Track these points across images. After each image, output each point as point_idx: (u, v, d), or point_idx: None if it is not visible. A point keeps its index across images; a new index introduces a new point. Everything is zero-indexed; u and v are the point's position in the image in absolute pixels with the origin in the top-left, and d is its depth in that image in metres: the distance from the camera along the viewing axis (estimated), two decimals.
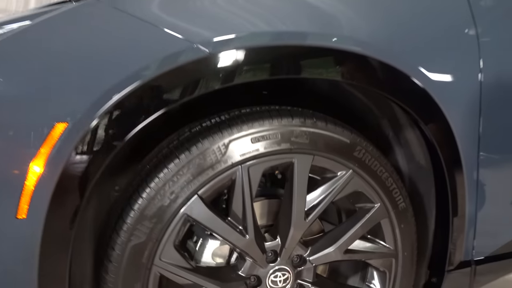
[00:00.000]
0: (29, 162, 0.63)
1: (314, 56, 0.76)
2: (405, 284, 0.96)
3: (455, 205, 0.96)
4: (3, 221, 0.65)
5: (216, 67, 0.67)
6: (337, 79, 0.81)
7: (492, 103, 0.98)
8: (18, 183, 0.64)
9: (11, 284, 0.68)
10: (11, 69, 0.66)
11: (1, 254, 0.67)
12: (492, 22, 1.01)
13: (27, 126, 0.63)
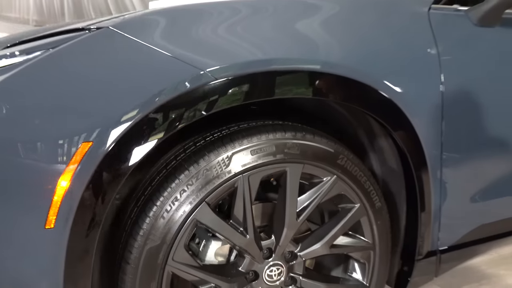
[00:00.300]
0: (58, 178, 0.71)
1: (303, 79, 0.88)
2: (381, 273, 1.09)
3: (423, 202, 1.10)
4: (33, 230, 0.72)
5: (222, 90, 0.77)
6: (321, 97, 0.93)
7: (452, 111, 1.13)
8: (47, 197, 0.71)
9: (40, 282, 0.76)
10: (41, 93, 0.73)
11: (32, 260, 0.74)
12: (451, 42, 1.16)
13: (57, 145, 0.71)
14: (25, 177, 0.71)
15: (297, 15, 0.99)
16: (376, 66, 1.03)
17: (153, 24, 0.86)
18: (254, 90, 0.82)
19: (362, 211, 1.01)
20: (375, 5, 1.15)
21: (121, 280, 0.81)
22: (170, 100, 0.75)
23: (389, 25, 1.12)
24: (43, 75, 0.75)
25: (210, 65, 0.78)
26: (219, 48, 0.85)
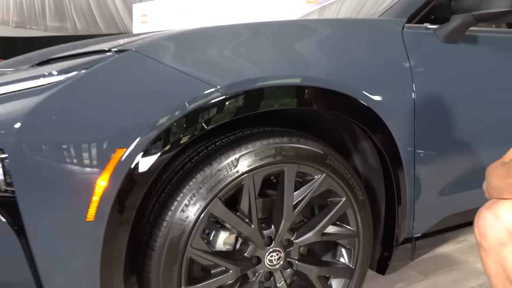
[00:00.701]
0: (97, 178, 0.85)
1: (300, 92, 1.04)
2: (365, 257, 1.26)
3: (399, 195, 1.28)
4: (76, 223, 0.86)
5: (231, 104, 0.93)
6: (313, 108, 1.09)
7: (423, 115, 1.29)
8: (88, 194, 0.85)
9: (79, 271, 0.90)
10: (82, 107, 0.87)
11: (74, 248, 0.88)
12: (421, 56, 1.33)
13: (97, 151, 0.85)
14: (71, 177, 0.85)
15: (290, 37, 1.15)
16: (356, 78, 1.18)
17: (170, 46, 1.00)
18: (258, 103, 0.98)
19: (347, 204, 1.18)
20: (355, 26, 1.32)
21: (147, 265, 0.96)
22: (189, 112, 0.90)
23: (367, 43, 1.29)
24: (83, 92, 0.88)
25: (221, 82, 0.93)
26: (227, 68, 1.00)
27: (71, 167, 0.85)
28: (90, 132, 0.86)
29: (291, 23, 1.29)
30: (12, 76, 1.01)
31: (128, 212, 0.89)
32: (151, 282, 0.95)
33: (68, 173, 0.85)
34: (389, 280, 1.74)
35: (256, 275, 1.10)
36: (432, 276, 1.80)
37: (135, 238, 1.00)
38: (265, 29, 1.15)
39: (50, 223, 0.86)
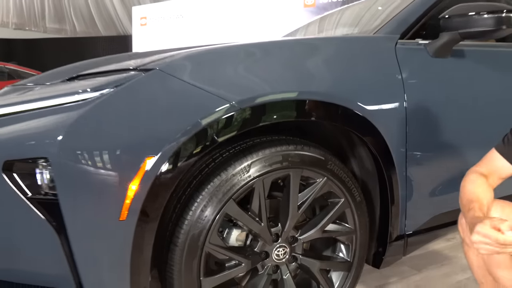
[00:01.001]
0: (129, 183, 0.98)
1: (304, 105, 1.17)
2: (362, 252, 1.39)
3: (392, 196, 1.41)
4: (111, 222, 0.99)
5: (244, 117, 1.06)
6: (312, 119, 1.22)
7: (414, 123, 1.42)
8: (121, 197, 0.98)
9: (112, 264, 1.02)
10: (116, 120, 1.00)
11: (108, 244, 1.00)
12: (412, 69, 1.46)
13: (129, 159, 0.97)
14: (107, 182, 0.97)
15: (295, 55, 1.28)
16: (352, 92, 1.31)
17: (190, 65, 1.12)
18: (267, 115, 1.11)
19: (346, 204, 1.31)
20: (352, 44, 1.45)
21: (170, 259, 1.08)
22: (209, 123, 1.02)
23: (363, 58, 1.42)
24: (116, 107, 1.00)
25: (236, 98, 1.06)
26: (240, 84, 1.13)
27: (107, 174, 0.98)
28: (122, 143, 0.99)
29: (296, 42, 1.43)
30: (50, 91, 1.13)
31: (155, 212, 1.01)
32: (174, 274, 1.08)
33: (104, 178, 0.98)
34: (383, 274, 1.88)
35: (265, 268, 1.23)
36: (424, 270, 1.94)
37: (157, 235, 1.13)
38: (272, 48, 1.28)
39: (88, 222, 0.99)
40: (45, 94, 1.10)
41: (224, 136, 1.05)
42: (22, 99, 1.12)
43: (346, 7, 2.55)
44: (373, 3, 2.25)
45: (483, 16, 1.43)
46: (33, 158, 0.99)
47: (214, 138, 1.04)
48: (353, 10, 2.36)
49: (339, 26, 2.26)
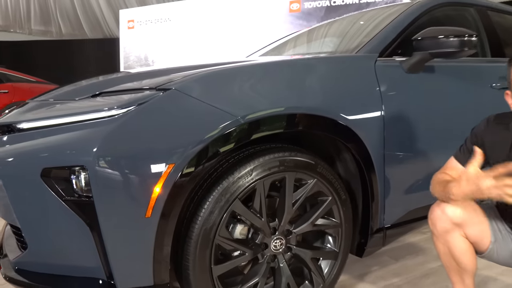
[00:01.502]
0: (154, 186, 1.17)
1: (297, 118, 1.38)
2: (347, 243, 1.60)
3: (372, 194, 1.62)
4: (138, 219, 1.17)
5: (248, 129, 1.26)
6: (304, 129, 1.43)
7: (390, 129, 1.64)
8: (147, 197, 1.17)
9: (139, 255, 1.21)
10: (142, 134, 1.18)
11: (136, 238, 1.19)
12: (389, 83, 1.68)
13: (154, 166, 1.16)
14: (135, 185, 1.16)
15: (290, 74, 1.49)
16: (336, 104, 1.52)
17: (201, 85, 1.31)
18: (267, 127, 1.31)
19: (333, 201, 1.52)
20: (337, 62, 1.67)
21: (185, 250, 1.27)
22: (220, 136, 1.22)
23: (346, 75, 1.64)
24: (141, 122, 1.19)
25: (241, 113, 1.26)
26: (245, 102, 1.33)
27: (135, 178, 1.16)
28: (148, 153, 1.17)
29: (291, 62, 1.63)
30: (80, 107, 1.31)
31: (174, 210, 1.20)
32: (189, 263, 1.27)
33: (133, 182, 1.16)
34: (366, 263, 2.11)
35: (264, 258, 1.44)
36: (401, 260, 2.18)
37: (175, 230, 1.31)
38: (272, 68, 1.50)
39: (118, 219, 1.18)
40: (77, 110, 1.28)
41: (231, 145, 1.25)
42: (56, 114, 1.29)
43: (333, 21, 2.77)
44: (357, 19, 2.48)
45: (449, 39, 1.66)
46: (70, 166, 1.17)
47: (223, 147, 1.24)
48: (340, 23, 2.59)
49: (327, 40, 2.49)
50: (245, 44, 7.92)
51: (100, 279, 1.23)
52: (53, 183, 1.20)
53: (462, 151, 1.45)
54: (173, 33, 8.62)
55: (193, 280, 1.28)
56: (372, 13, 2.44)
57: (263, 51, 2.87)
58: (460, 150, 1.45)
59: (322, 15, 7.58)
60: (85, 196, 1.17)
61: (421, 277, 1.97)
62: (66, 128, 1.23)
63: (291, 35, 3.00)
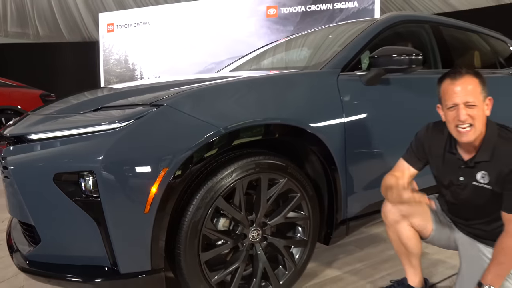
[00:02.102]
0: (151, 187, 1.40)
1: (271, 127, 1.64)
2: (314, 233, 1.87)
3: (336, 191, 1.90)
4: (138, 214, 1.41)
5: (228, 138, 1.51)
6: (278, 136, 1.69)
7: (350, 135, 1.91)
8: (146, 196, 1.40)
9: (139, 244, 1.44)
10: (139, 143, 1.41)
11: (136, 232, 1.42)
12: (349, 94, 1.95)
13: (151, 170, 1.40)
14: (136, 186, 1.39)
15: (267, 90, 1.74)
16: (304, 115, 1.78)
17: (190, 101, 1.54)
18: (246, 135, 1.57)
19: (302, 197, 1.79)
20: (306, 78, 1.94)
21: (177, 239, 1.51)
22: (205, 144, 1.47)
23: (313, 89, 1.90)
24: (139, 134, 1.42)
25: (222, 125, 1.51)
26: (226, 114, 1.57)
27: (135, 181, 1.40)
28: (146, 159, 1.41)
29: (266, 79, 1.89)
30: (84, 120, 1.52)
31: (168, 206, 1.44)
32: (181, 250, 1.51)
33: (134, 184, 1.40)
34: (334, 252, 2.39)
35: (244, 246, 1.69)
36: (365, 248, 2.48)
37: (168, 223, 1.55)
38: (251, 84, 1.76)
39: (122, 215, 1.40)
40: (83, 123, 1.50)
41: (214, 151, 1.50)
42: (64, 126, 1.51)
43: (303, 35, 3.05)
44: (326, 34, 2.77)
45: (400, 58, 1.96)
46: (80, 171, 1.40)
47: (207, 153, 1.49)
48: (309, 38, 2.87)
49: (297, 56, 2.77)
50: (224, 47, 8.15)
51: (106, 266, 1.46)
52: (65, 185, 1.42)
53: (409, 152, 1.74)
54: (152, 36, 8.77)
55: (184, 265, 1.52)
56: (339, 29, 2.73)
57: (236, 64, 3.13)
58: (407, 152, 1.74)
59: (298, 20, 7.89)
60: (93, 196, 1.40)
61: (381, 262, 2.26)
62: (75, 139, 1.45)
63: (264, 48, 3.27)
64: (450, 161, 1.61)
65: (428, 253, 2.37)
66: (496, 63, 3.30)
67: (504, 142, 1.48)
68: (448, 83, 1.51)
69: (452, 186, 1.62)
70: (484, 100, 1.50)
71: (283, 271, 1.81)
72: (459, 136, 1.51)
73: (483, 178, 1.52)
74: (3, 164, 1.58)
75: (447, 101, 1.51)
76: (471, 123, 1.46)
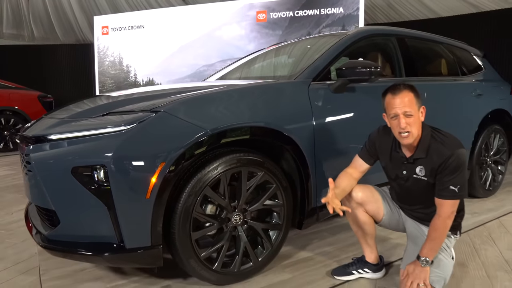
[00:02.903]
0: (151, 177, 1.74)
1: (252, 129, 1.98)
2: (288, 218, 2.21)
3: (307, 183, 2.25)
4: (141, 200, 1.74)
5: (215, 138, 1.85)
6: (256, 137, 2.03)
7: (319, 136, 2.26)
8: (147, 185, 1.73)
9: (141, 224, 1.77)
10: (141, 143, 1.75)
11: (139, 214, 1.75)
12: (318, 101, 2.31)
13: (152, 164, 1.73)
14: (139, 177, 1.72)
15: (249, 97, 2.09)
16: (281, 119, 2.12)
17: (184, 107, 1.87)
18: (231, 135, 1.91)
19: (277, 188, 2.13)
20: (282, 87, 2.28)
21: (172, 221, 1.84)
22: (195, 143, 1.80)
23: (288, 97, 2.25)
24: (141, 135, 1.75)
25: (211, 127, 1.85)
26: (214, 118, 1.91)
27: (139, 172, 1.73)
28: (147, 155, 1.74)
29: (250, 88, 2.23)
30: (96, 123, 1.85)
31: (165, 193, 1.77)
32: (175, 230, 1.84)
33: (138, 175, 1.73)
34: (308, 238, 2.74)
35: (228, 228, 2.03)
36: (337, 234, 2.83)
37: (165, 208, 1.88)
38: (236, 93, 2.10)
39: (128, 201, 1.74)
40: (95, 126, 1.82)
41: (203, 149, 1.84)
42: (79, 128, 1.84)
43: (283, 45, 3.40)
44: (304, 46, 3.12)
45: (362, 70, 2.31)
46: (93, 165, 1.73)
47: (196, 151, 1.82)
48: (287, 49, 3.22)
49: (281, 63, 3.12)
50: (215, 51, 8.49)
51: (114, 243, 1.79)
52: (81, 177, 1.75)
53: (363, 150, 2.09)
54: (146, 39, 9.06)
55: (178, 242, 1.86)
56: (315, 41, 3.08)
57: (221, 73, 3.48)
58: (362, 149, 2.10)
59: (286, 25, 8.25)
60: (104, 185, 1.73)
61: (348, 246, 2.62)
62: (89, 139, 1.78)
63: (248, 57, 3.62)
64: (395, 158, 1.97)
65: (391, 238, 2.74)
66: (458, 71, 3.67)
67: (435, 142, 1.84)
68: (390, 97, 1.87)
69: (398, 178, 1.98)
70: (419, 109, 1.85)
71: (262, 250, 2.16)
72: (401, 139, 1.86)
73: (421, 172, 1.88)
74: (26, 160, 1.90)
75: (390, 112, 1.86)
76: (409, 130, 1.81)
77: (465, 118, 3.39)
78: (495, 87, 3.87)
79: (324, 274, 2.21)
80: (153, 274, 2.19)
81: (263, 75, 3.18)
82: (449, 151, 1.78)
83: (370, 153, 2.05)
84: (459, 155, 1.77)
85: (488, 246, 2.62)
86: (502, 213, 3.35)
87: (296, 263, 2.36)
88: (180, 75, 8.73)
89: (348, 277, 2.15)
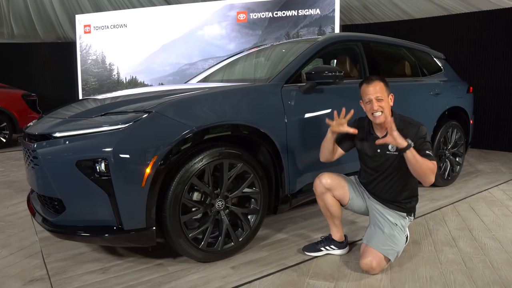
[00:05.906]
0: (146, 168, 2.03)
1: (233, 126, 2.29)
2: (265, 204, 2.53)
3: (281, 173, 2.58)
4: (137, 188, 2.03)
5: (200, 134, 2.16)
6: (237, 133, 2.35)
7: (291, 132, 2.60)
8: (142, 174, 2.03)
9: (137, 209, 2.06)
10: (136, 140, 2.03)
11: (135, 200, 2.05)
12: (289, 102, 2.64)
13: (146, 157, 2.02)
14: (136, 168, 2.01)
15: (231, 98, 2.40)
16: (257, 118, 2.45)
17: (174, 108, 2.17)
18: (214, 132, 2.22)
19: (254, 177, 2.45)
20: (259, 89, 2.60)
21: (164, 206, 2.14)
22: (182, 139, 2.10)
23: (263, 98, 2.57)
24: (137, 132, 2.04)
25: (196, 125, 2.15)
26: (200, 117, 2.21)
27: (136, 165, 2.02)
28: (142, 150, 2.03)
29: (231, 90, 2.53)
30: (96, 122, 2.13)
31: (157, 182, 2.07)
32: (166, 214, 2.14)
33: (135, 167, 2.02)
34: (284, 223, 3.08)
35: (211, 212, 2.34)
36: (309, 219, 3.17)
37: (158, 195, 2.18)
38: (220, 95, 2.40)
39: (126, 188, 2.02)
40: (96, 124, 2.10)
41: (189, 144, 2.14)
42: (82, 126, 2.11)
43: (260, 49, 3.71)
44: (279, 50, 3.44)
45: (328, 74, 2.65)
46: (96, 158, 2.01)
47: (183, 146, 2.13)
48: (264, 53, 3.54)
49: (259, 66, 3.44)
50: (197, 50, 8.74)
51: (114, 226, 2.08)
52: (84, 169, 2.03)
53: (340, 137, 2.44)
54: (129, 38, 9.23)
55: (169, 224, 2.16)
56: (290, 46, 3.41)
57: (203, 75, 3.78)
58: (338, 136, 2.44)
59: (265, 25, 8.56)
60: (105, 176, 2.01)
61: (319, 229, 2.96)
62: (91, 136, 2.05)
63: (227, 60, 3.92)
64: (370, 139, 2.34)
65: (357, 221, 3.10)
66: (419, 72, 4.07)
67: (403, 122, 2.26)
68: (364, 86, 2.28)
69: (374, 156, 2.34)
70: (388, 95, 2.28)
71: (241, 231, 2.48)
72: (374, 119, 2.25)
73: (392, 148, 2.26)
74: (33, 155, 2.17)
75: (365, 98, 2.27)
76: (381, 111, 2.21)
77: (424, 115, 3.78)
78: (452, 86, 4.29)
79: (296, 252, 2.55)
80: (146, 254, 2.49)
81: (243, 78, 3.49)
82: (417, 126, 2.25)
83: (348, 138, 2.44)
84: (424, 128, 2.25)
85: (440, 227, 3.01)
86: (457, 199, 3.76)
87: (272, 243, 2.69)
88: (162, 73, 8.95)
89: (317, 253, 2.49)
